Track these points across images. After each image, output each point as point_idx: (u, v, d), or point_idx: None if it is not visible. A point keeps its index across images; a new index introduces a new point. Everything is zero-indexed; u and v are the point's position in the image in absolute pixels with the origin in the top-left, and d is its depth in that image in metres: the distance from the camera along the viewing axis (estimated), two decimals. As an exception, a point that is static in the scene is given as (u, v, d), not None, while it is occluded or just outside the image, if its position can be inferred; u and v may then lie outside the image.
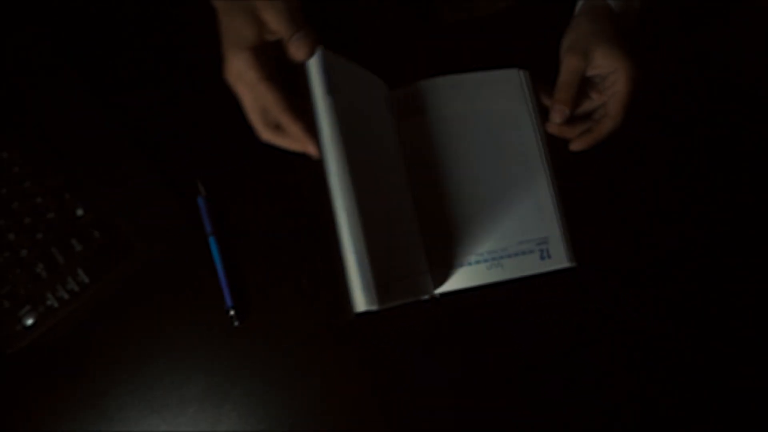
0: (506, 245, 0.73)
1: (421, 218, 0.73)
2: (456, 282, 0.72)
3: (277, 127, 0.64)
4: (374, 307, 0.58)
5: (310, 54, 0.61)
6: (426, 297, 0.71)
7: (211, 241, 0.75)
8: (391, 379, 0.73)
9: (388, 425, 0.72)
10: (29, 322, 0.71)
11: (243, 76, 0.60)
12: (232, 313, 0.73)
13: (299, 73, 0.62)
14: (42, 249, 0.73)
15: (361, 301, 0.58)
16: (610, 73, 0.72)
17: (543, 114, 0.77)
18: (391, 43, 0.80)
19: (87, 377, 0.72)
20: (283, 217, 0.77)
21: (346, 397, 0.73)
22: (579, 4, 0.79)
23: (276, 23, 0.60)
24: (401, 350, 0.74)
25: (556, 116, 0.74)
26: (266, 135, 0.64)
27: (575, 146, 0.76)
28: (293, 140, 0.64)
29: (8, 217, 0.72)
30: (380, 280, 0.59)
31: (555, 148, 0.76)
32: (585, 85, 0.75)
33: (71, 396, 0.72)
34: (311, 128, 0.61)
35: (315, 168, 0.67)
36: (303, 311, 0.74)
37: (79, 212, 0.74)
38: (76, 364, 0.73)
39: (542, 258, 0.73)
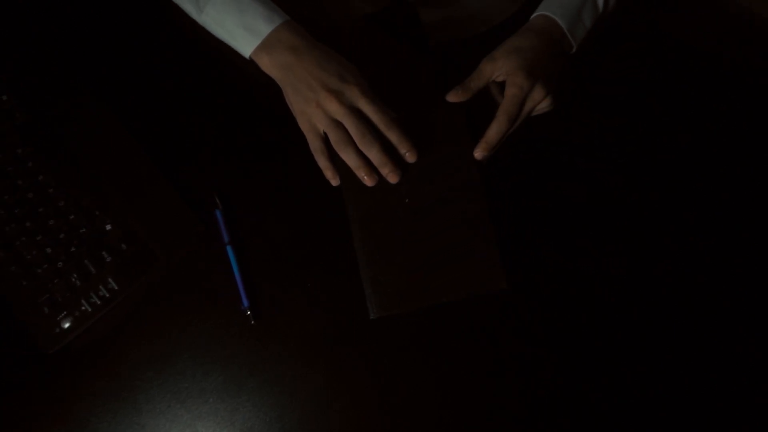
0: None
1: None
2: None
3: None
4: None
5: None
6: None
7: (229, 249, 0.78)
8: (389, 375, 0.75)
9: (387, 415, 0.74)
10: (66, 325, 0.74)
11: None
12: (248, 312, 0.76)
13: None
14: (76, 260, 0.75)
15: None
16: (506, 80, 0.74)
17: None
18: (384, 68, 0.81)
19: (118, 373, 0.74)
20: (292, 227, 0.80)
21: (349, 388, 0.74)
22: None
23: None
24: (400, 348, 0.76)
25: (452, 96, 0.74)
26: None
27: (475, 154, 0.74)
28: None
29: (45, 232, 0.76)
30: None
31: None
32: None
33: (104, 390, 0.74)
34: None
35: (320, 182, 0.71)
36: (309, 312, 0.77)
37: (108, 227, 0.77)
38: (108, 361, 0.75)
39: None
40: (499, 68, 0.74)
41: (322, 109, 0.71)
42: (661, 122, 0.82)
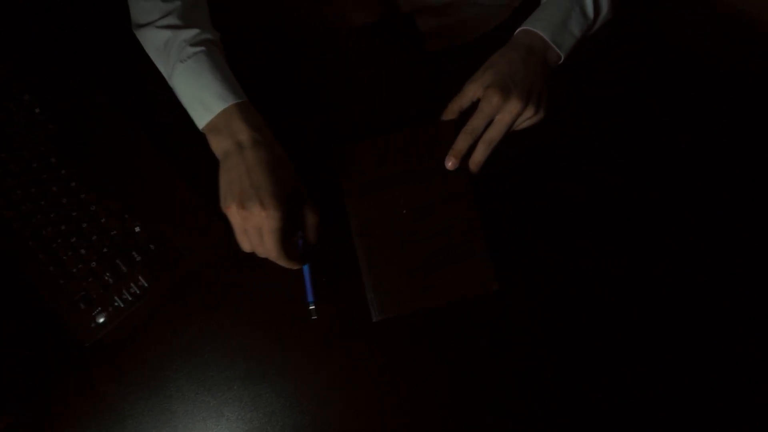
0: None
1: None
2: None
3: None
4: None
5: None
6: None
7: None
8: (392, 372, 0.77)
9: (387, 413, 0.76)
10: (101, 320, 0.77)
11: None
12: (312, 307, 0.79)
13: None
14: (108, 260, 0.79)
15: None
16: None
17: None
18: (380, 74, 0.81)
19: (149, 363, 0.78)
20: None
21: (359, 377, 0.77)
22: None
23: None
24: (402, 348, 0.77)
25: (444, 114, 0.77)
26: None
27: (447, 164, 0.76)
28: None
29: (79, 235, 0.79)
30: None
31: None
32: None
33: (136, 379, 0.77)
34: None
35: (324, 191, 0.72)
36: (324, 309, 0.79)
37: (137, 229, 0.80)
38: (140, 352, 0.78)
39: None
40: (479, 87, 0.74)
41: (231, 215, 0.70)
42: (661, 122, 0.79)
